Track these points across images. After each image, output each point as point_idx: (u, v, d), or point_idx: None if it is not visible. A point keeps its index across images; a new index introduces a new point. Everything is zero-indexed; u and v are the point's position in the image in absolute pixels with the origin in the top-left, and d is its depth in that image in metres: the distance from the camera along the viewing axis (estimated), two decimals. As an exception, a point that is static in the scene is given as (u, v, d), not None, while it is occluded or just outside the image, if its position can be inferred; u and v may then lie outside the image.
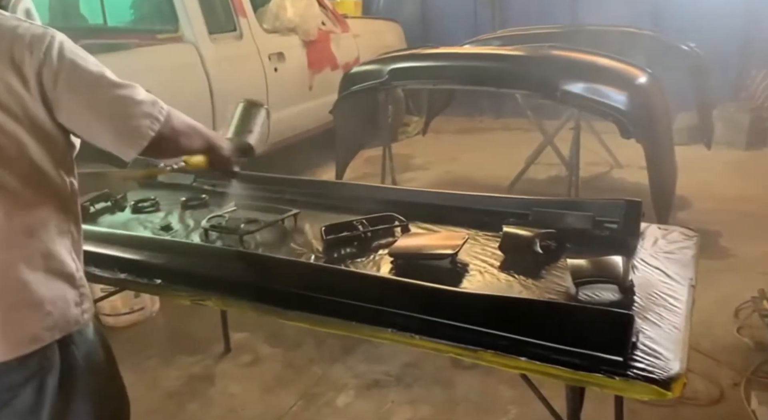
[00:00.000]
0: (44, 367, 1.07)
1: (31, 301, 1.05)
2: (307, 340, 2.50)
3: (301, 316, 1.28)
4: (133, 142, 1.09)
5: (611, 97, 2.82)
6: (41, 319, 1.05)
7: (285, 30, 4.21)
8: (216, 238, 1.65)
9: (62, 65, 1.02)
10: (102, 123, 1.08)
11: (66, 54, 1.03)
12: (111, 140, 1.09)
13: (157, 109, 1.12)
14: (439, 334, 1.14)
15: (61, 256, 1.08)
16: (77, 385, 1.12)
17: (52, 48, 1.02)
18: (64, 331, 1.09)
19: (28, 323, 1.05)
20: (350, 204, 1.82)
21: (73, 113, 1.05)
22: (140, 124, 1.09)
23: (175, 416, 2.13)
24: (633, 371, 0.98)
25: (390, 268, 1.45)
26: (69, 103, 1.04)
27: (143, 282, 1.44)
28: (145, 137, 1.10)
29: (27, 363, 1.05)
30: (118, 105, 1.08)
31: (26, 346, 1.04)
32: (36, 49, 1.00)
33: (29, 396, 1.07)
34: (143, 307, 2.70)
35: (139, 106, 1.10)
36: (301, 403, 2.16)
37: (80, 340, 1.13)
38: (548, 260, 1.41)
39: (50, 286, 1.06)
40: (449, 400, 2.15)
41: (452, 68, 3.24)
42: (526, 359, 1.05)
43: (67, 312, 1.09)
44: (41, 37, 1.02)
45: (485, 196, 1.75)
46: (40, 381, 1.07)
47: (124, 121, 1.09)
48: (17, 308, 1.04)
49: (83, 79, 1.05)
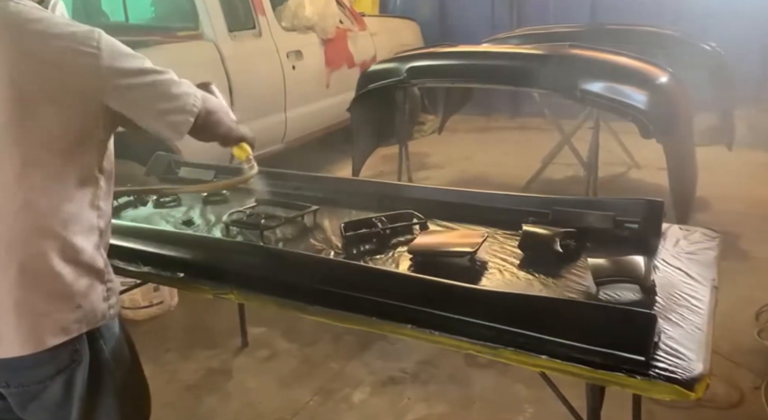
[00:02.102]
0: (74, 361, 1.10)
1: (63, 292, 1.07)
2: (324, 336, 2.51)
3: (321, 312, 1.29)
4: (182, 119, 1.15)
5: (632, 97, 2.79)
6: (72, 311, 1.08)
7: (303, 28, 4.22)
8: (237, 233, 1.67)
9: (108, 57, 1.06)
10: (148, 104, 1.13)
11: (111, 47, 1.08)
12: (157, 120, 1.15)
13: (193, 88, 1.19)
14: (458, 330, 1.15)
15: (90, 251, 1.11)
16: (105, 379, 1.15)
17: (100, 42, 1.06)
18: (92, 324, 1.11)
19: (59, 314, 1.07)
20: (369, 201, 1.84)
21: (120, 101, 1.09)
22: (185, 102, 1.15)
23: (194, 409, 2.16)
24: (655, 371, 0.98)
25: (409, 265, 1.46)
26: (116, 91, 1.08)
27: (166, 275, 1.46)
28: (192, 113, 1.16)
29: (58, 357, 1.08)
30: (162, 86, 1.13)
31: (56, 337, 1.06)
32: (88, 43, 1.04)
33: (58, 390, 1.10)
34: (162, 301, 2.74)
35: (179, 86, 1.15)
36: (318, 399, 2.18)
37: (108, 334, 1.15)
38: (568, 259, 1.41)
39: (81, 280, 1.09)
40: (465, 397, 2.15)
41: (471, 67, 3.24)
42: (546, 357, 1.06)
43: (96, 306, 1.12)
44: (90, 33, 1.06)
45: (504, 195, 1.75)
46: (69, 375, 1.10)
47: (169, 101, 1.14)
48: (50, 299, 1.06)
49: (131, 67, 1.09)
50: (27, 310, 1.05)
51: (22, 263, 1.04)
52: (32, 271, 1.04)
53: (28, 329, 1.05)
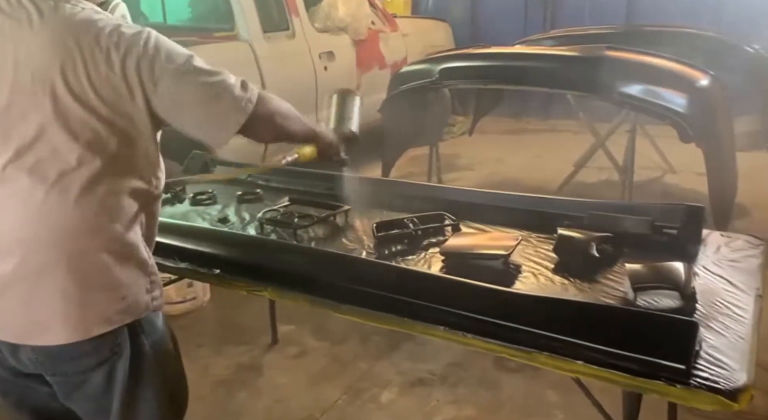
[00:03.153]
0: (116, 354, 1.12)
1: (110, 284, 1.10)
2: (353, 336, 2.53)
3: (353, 310, 1.30)
4: (229, 122, 1.14)
5: (671, 100, 2.73)
6: (116, 303, 1.11)
7: (336, 29, 4.26)
8: (271, 231, 1.70)
9: (158, 57, 1.08)
10: (193, 108, 1.12)
11: (161, 46, 1.09)
12: (200, 125, 1.15)
13: (249, 89, 1.16)
14: (492, 333, 1.14)
15: (136, 244, 1.14)
16: (146, 372, 1.16)
17: (149, 42, 1.08)
18: (135, 315, 1.14)
19: (104, 305, 1.10)
20: (400, 202, 1.84)
21: (168, 100, 1.10)
22: (236, 105, 1.13)
23: (225, 404, 2.19)
24: (696, 380, 0.96)
25: (441, 266, 1.45)
26: (166, 90, 1.09)
27: (203, 271, 1.49)
28: (243, 114, 1.14)
29: (100, 348, 1.11)
30: (213, 88, 1.12)
31: (100, 327, 1.09)
32: (135, 45, 1.07)
33: (100, 381, 1.13)
34: (195, 297, 2.79)
35: (231, 89, 1.13)
36: (346, 397, 2.19)
37: (150, 328, 1.17)
38: (604, 264, 1.39)
39: (126, 272, 1.12)
40: (494, 401, 2.13)
41: (504, 68, 3.21)
42: (582, 363, 1.04)
43: (140, 297, 1.14)
44: (139, 33, 1.08)
45: (539, 198, 1.73)
46: (111, 367, 1.13)
47: (218, 104, 1.13)
48: (97, 290, 1.09)
49: (178, 67, 1.10)
50: (74, 301, 1.08)
51: (72, 255, 1.07)
52: (81, 264, 1.07)
53: (75, 319, 1.08)
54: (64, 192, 1.06)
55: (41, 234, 1.06)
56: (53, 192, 1.05)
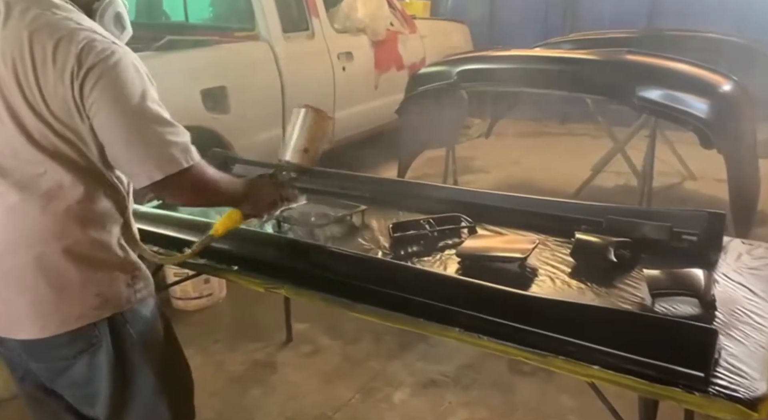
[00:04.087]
0: (94, 344, 1.17)
1: (81, 283, 1.14)
2: (366, 335, 2.53)
3: (368, 310, 1.31)
4: (159, 167, 1.09)
5: (692, 105, 2.70)
6: (89, 299, 1.15)
7: (355, 30, 4.27)
8: (288, 229, 1.71)
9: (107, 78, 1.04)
10: (128, 139, 1.08)
11: (116, 70, 1.05)
12: (131, 157, 1.09)
13: (193, 151, 1.14)
14: (507, 336, 1.14)
15: (110, 244, 1.17)
16: (134, 361, 1.21)
17: (106, 61, 1.04)
18: (115, 309, 1.18)
19: (79, 302, 1.14)
20: (417, 203, 1.84)
21: (103, 130, 1.08)
22: (173, 154, 1.10)
23: (239, 400, 2.21)
24: (715, 388, 0.95)
25: (456, 268, 1.46)
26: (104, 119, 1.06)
27: (221, 268, 1.51)
28: (176, 165, 1.10)
29: (76, 341, 1.16)
30: (154, 127, 1.09)
31: (73, 322, 1.14)
32: (89, 60, 1.03)
33: (82, 369, 1.18)
34: (211, 293, 2.82)
35: (175, 141, 1.11)
36: (359, 396, 2.19)
37: (133, 318, 1.21)
38: (622, 270, 1.38)
39: (100, 271, 1.16)
40: (507, 405, 2.12)
41: (524, 71, 3.20)
42: (598, 367, 1.04)
43: (118, 292, 1.18)
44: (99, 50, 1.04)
45: (557, 201, 1.72)
46: (90, 357, 1.17)
47: (154, 145, 1.09)
48: (68, 289, 1.13)
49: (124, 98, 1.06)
50: (46, 299, 1.12)
51: (40, 257, 1.11)
52: (50, 264, 1.12)
53: (49, 315, 1.13)
54: (32, 198, 1.10)
55: (11, 237, 1.11)
56: (22, 197, 1.10)
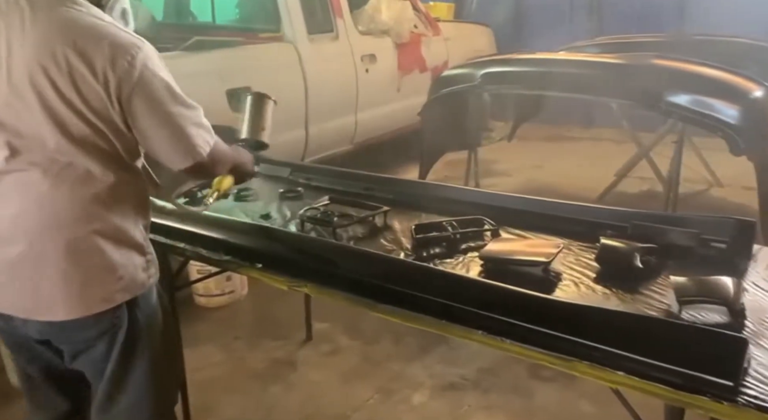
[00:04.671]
0: (115, 325, 1.24)
1: (107, 265, 1.21)
2: (385, 336, 2.54)
3: (391, 310, 1.31)
4: (186, 156, 1.23)
5: (722, 111, 2.65)
6: (115, 282, 1.22)
7: (378, 32, 4.29)
8: (311, 228, 1.72)
9: (142, 78, 1.13)
10: (163, 134, 1.20)
11: (149, 68, 1.14)
12: (166, 150, 1.21)
13: (210, 135, 1.26)
14: (530, 340, 1.14)
15: (131, 228, 1.24)
16: (139, 342, 1.28)
17: (137, 61, 1.13)
18: (133, 292, 1.25)
19: (103, 285, 1.21)
20: (439, 205, 1.84)
21: (137, 121, 1.17)
22: (197, 143, 1.23)
23: (259, 397, 2.24)
24: (744, 398, 0.94)
25: (479, 271, 1.45)
26: (137, 110, 1.15)
27: (245, 265, 1.53)
28: (198, 155, 1.23)
29: (101, 321, 1.23)
30: (182, 121, 1.20)
31: (101, 305, 1.21)
32: (120, 58, 1.11)
33: (102, 348, 1.26)
34: (233, 290, 2.85)
35: (199, 128, 1.23)
36: (378, 397, 2.20)
37: (144, 303, 1.29)
38: (648, 276, 1.36)
39: (122, 254, 1.23)
40: (526, 409, 2.11)
41: (548, 75, 3.17)
42: (624, 374, 1.03)
43: (136, 276, 1.25)
44: (128, 47, 1.13)
45: (581, 206, 1.70)
46: (111, 336, 1.25)
47: (182, 137, 1.21)
48: (95, 272, 1.20)
49: (157, 93, 1.16)
50: (75, 281, 1.18)
51: (71, 240, 1.17)
52: (79, 248, 1.18)
53: (76, 298, 1.19)
54: (61, 184, 1.16)
55: (42, 222, 1.16)
56: (52, 184, 1.15)
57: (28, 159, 1.15)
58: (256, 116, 1.68)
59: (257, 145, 1.68)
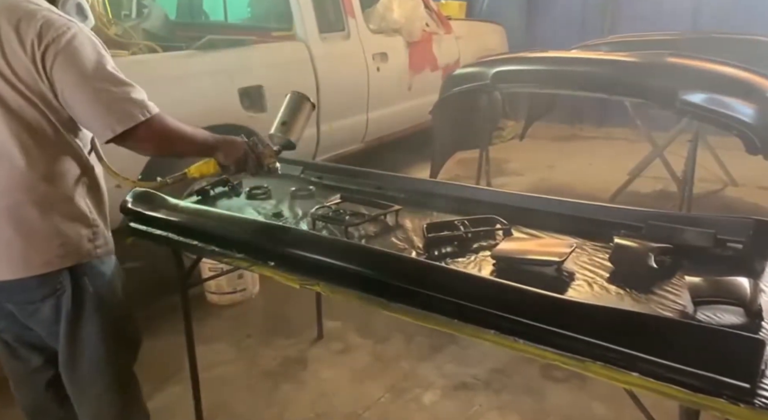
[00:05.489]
0: (58, 290, 1.33)
1: (46, 232, 1.30)
2: (396, 335, 2.54)
3: (403, 309, 1.31)
4: (106, 129, 1.27)
5: (738, 110, 2.62)
6: (55, 248, 1.31)
7: (390, 31, 4.28)
8: (322, 227, 1.73)
9: (66, 50, 1.22)
10: (84, 106, 1.26)
11: (73, 43, 1.23)
12: (88, 120, 1.28)
13: (150, 105, 1.31)
14: (544, 340, 1.13)
15: (75, 200, 1.33)
16: (87, 310, 1.37)
17: (63, 36, 1.22)
18: (76, 260, 1.34)
19: (44, 250, 1.30)
20: (451, 204, 1.84)
21: (65, 93, 1.25)
22: (131, 109, 1.27)
23: (271, 394, 2.25)
24: (761, 400, 0.92)
25: (491, 270, 1.45)
26: (64, 83, 1.24)
27: (258, 263, 1.53)
28: (134, 119, 1.27)
29: (44, 284, 1.32)
30: (104, 95, 1.26)
31: (41, 268, 1.30)
32: (47, 34, 1.22)
33: (49, 311, 1.35)
34: (245, 288, 2.87)
35: (131, 97, 1.28)
36: (389, 396, 2.20)
37: (92, 272, 1.37)
38: (662, 276, 1.35)
39: (65, 223, 1.31)
40: (539, 410, 2.10)
41: (561, 73, 3.16)
42: (638, 375, 1.02)
43: (80, 245, 1.34)
44: (57, 26, 1.23)
45: (595, 205, 1.69)
46: (56, 300, 1.34)
47: (113, 103, 1.26)
48: (35, 237, 1.29)
49: (79, 67, 1.24)
50: (16, 246, 1.28)
51: (9, 207, 1.27)
52: (17, 214, 1.28)
53: (16, 259, 1.29)
54: (3, 156, 1.25)
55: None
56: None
57: None
58: (290, 115, 1.69)
59: (285, 143, 1.67)
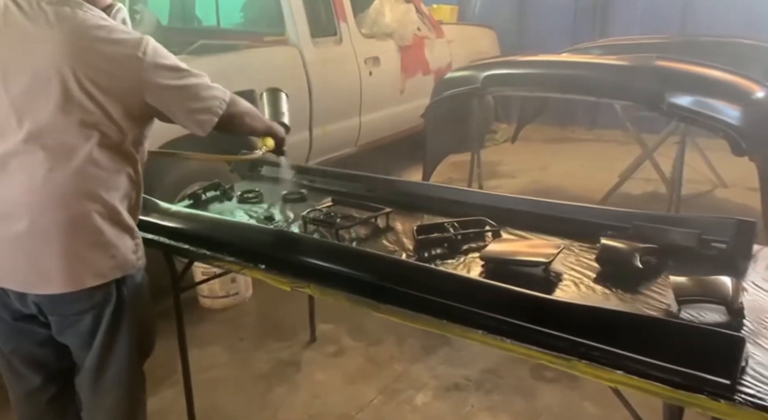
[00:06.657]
0: (105, 301, 1.35)
1: (103, 244, 1.33)
2: (389, 337, 2.55)
3: (393, 310, 1.32)
4: (206, 119, 1.40)
5: (724, 112, 2.65)
6: (108, 260, 1.34)
7: (382, 35, 4.30)
8: (314, 230, 1.74)
9: (151, 60, 1.31)
10: (180, 103, 1.37)
11: (156, 51, 1.33)
12: (186, 117, 1.39)
13: (222, 92, 1.43)
14: (531, 340, 1.14)
15: (125, 213, 1.37)
16: (124, 317, 1.40)
17: (147, 48, 1.32)
18: (123, 271, 1.37)
19: (98, 262, 1.32)
20: (441, 206, 1.85)
21: (159, 97, 1.34)
22: (212, 104, 1.40)
23: (264, 397, 2.25)
24: (741, 396, 0.94)
25: (480, 271, 1.46)
26: (156, 88, 1.33)
27: (249, 266, 1.55)
28: (216, 114, 1.40)
29: (93, 296, 1.33)
30: (194, 88, 1.38)
31: (93, 280, 1.32)
32: (135, 49, 1.30)
33: (90, 321, 1.36)
34: (238, 292, 2.87)
35: (209, 90, 1.40)
36: (381, 398, 2.21)
37: (130, 282, 1.40)
38: (648, 276, 1.37)
39: (116, 235, 1.35)
40: (530, 410, 2.12)
41: (551, 76, 3.19)
42: (622, 373, 1.04)
43: (127, 257, 1.38)
44: (139, 41, 1.32)
45: (582, 206, 1.71)
46: (99, 311, 1.36)
47: (198, 102, 1.38)
48: (92, 249, 1.32)
49: (170, 69, 1.35)
50: (72, 256, 1.29)
51: (71, 218, 1.28)
52: (78, 225, 1.29)
53: (72, 272, 1.30)
54: (66, 166, 1.27)
55: (45, 200, 1.27)
56: (57, 165, 1.26)
57: (41, 142, 1.25)
58: (274, 105, 1.87)
59: (283, 126, 1.82)
